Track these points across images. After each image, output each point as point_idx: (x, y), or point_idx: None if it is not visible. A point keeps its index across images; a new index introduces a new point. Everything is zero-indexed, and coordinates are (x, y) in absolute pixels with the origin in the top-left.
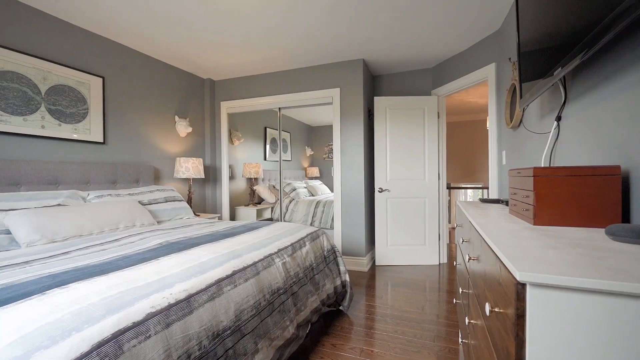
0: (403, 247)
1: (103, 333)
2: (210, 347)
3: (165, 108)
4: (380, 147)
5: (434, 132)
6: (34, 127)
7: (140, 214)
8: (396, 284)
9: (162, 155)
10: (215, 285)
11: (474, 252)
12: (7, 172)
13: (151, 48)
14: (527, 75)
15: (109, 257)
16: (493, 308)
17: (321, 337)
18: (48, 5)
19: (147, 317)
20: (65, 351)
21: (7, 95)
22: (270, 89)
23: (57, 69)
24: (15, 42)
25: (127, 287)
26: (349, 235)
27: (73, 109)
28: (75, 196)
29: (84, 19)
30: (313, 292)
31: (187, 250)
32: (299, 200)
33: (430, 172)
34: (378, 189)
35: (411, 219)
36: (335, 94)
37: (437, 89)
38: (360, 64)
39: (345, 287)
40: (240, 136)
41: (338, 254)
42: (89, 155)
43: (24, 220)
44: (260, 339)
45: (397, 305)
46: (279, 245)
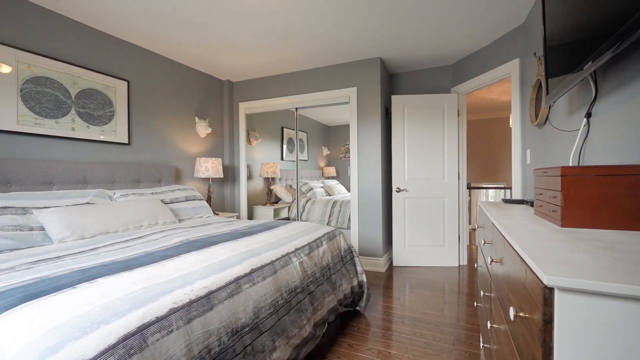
0: (421, 248)
1: (129, 326)
2: (230, 343)
3: (186, 109)
4: (398, 147)
5: (453, 131)
6: (65, 129)
7: (163, 212)
8: (414, 285)
9: (182, 155)
10: (234, 283)
11: (496, 254)
12: (42, 172)
13: (172, 51)
14: (554, 71)
15: (133, 253)
16: (518, 312)
17: (338, 337)
18: (78, 13)
19: (169, 313)
20: (94, 343)
21: (41, 99)
22: (287, 89)
23: (86, 74)
24: (48, 48)
25: (150, 283)
26: (365, 235)
27: (100, 111)
28: (103, 195)
29: (111, 25)
30: (330, 292)
31: (207, 248)
32: (315, 200)
33: (450, 172)
34: (396, 188)
35: (430, 219)
36: (352, 93)
37: (457, 86)
38: (378, 62)
39: (362, 287)
40: (257, 136)
41: (355, 253)
42: (114, 156)
43: (56, 218)
44: (277, 337)
45: (415, 307)
46: (296, 245)
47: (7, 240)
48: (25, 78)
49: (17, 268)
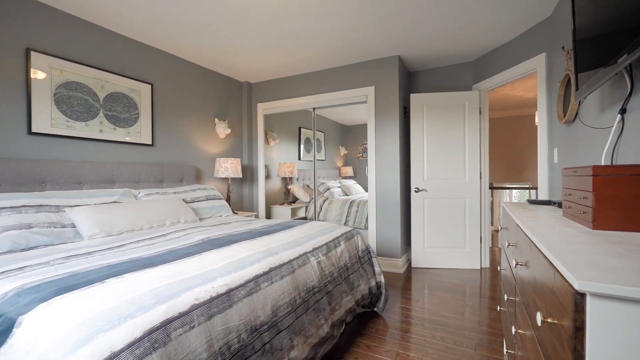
0: (441, 250)
1: (153, 321)
2: (249, 340)
3: (206, 111)
4: (417, 146)
5: (475, 129)
6: (94, 131)
7: (185, 211)
8: (434, 288)
9: (203, 155)
10: (253, 281)
11: (521, 257)
12: (73, 172)
13: (193, 55)
14: (585, 65)
15: (157, 250)
16: (545, 318)
17: (355, 338)
18: (106, 21)
19: (191, 309)
20: (122, 335)
21: (72, 103)
22: (304, 89)
23: (113, 78)
24: (79, 55)
25: (173, 279)
26: (383, 235)
27: (126, 114)
28: (128, 194)
29: (137, 31)
30: (347, 292)
31: (227, 247)
32: (332, 200)
33: (471, 172)
34: (414, 188)
35: (450, 220)
36: (370, 92)
37: (478, 83)
38: (396, 60)
39: (380, 288)
40: (275, 136)
41: (373, 254)
42: (139, 156)
43: (86, 216)
44: (295, 336)
45: (434, 309)
46: (313, 244)
47: (42, 236)
48: (58, 83)
49: (51, 263)
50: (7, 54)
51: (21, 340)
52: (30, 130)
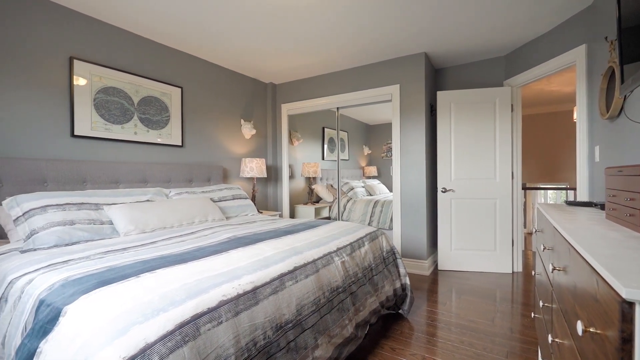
0: (469, 252)
1: (184, 315)
2: (274, 337)
3: (232, 112)
4: (444, 145)
5: (506, 127)
6: (129, 134)
7: (212, 210)
8: (462, 291)
9: (229, 156)
10: (278, 279)
11: (559, 261)
12: (110, 172)
13: (220, 58)
14: (631, 56)
15: (187, 247)
16: (587, 328)
17: (380, 340)
18: (140, 28)
19: (219, 304)
20: (155, 328)
21: (110, 107)
22: (328, 89)
23: (146, 83)
24: (115, 61)
25: (202, 276)
26: (409, 236)
27: (158, 116)
28: (160, 193)
29: (168, 37)
30: (372, 293)
31: (253, 245)
32: (356, 200)
33: (502, 171)
34: (441, 188)
35: (479, 221)
36: (395, 91)
37: (510, 78)
38: (422, 57)
39: (405, 290)
40: (299, 137)
41: (397, 255)
42: (170, 157)
43: (122, 213)
44: (320, 335)
45: (462, 314)
46: (337, 244)
47: (84, 232)
48: (98, 89)
49: (91, 257)
50: (53, 63)
51: (66, 329)
52: (73, 133)
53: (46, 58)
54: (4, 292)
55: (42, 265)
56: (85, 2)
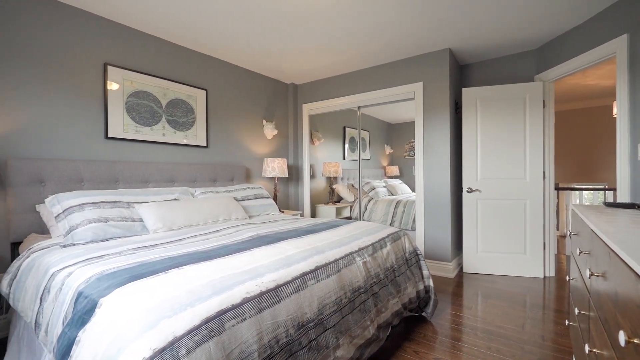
0: (497, 255)
1: (210, 311)
2: (296, 336)
3: (255, 113)
4: (470, 143)
5: (537, 124)
6: (157, 135)
7: (235, 209)
8: (488, 295)
9: (251, 156)
10: (300, 278)
11: (597, 266)
12: (140, 172)
13: (243, 60)
14: None
15: (211, 245)
16: (631, 339)
17: (402, 342)
18: (167, 34)
19: (243, 301)
20: (183, 322)
21: (140, 110)
22: (349, 88)
23: (174, 86)
24: (145, 66)
25: (226, 273)
26: (432, 237)
27: (184, 118)
28: (187, 192)
29: (194, 41)
30: (394, 295)
31: (275, 244)
32: (378, 200)
33: (533, 170)
34: (467, 189)
35: (507, 223)
36: (418, 89)
37: (542, 73)
38: (446, 54)
39: (428, 292)
40: (320, 136)
41: (421, 256)
42: (195, 157)
43: (151, 211)
44: (341, 335)
45: (489, 318)
46: (359, 244)
47: (117, 229)
48: (129, 93)
49: (123, 253)
50: (89, 69)
51: (102, 320)
52: (107, 135)
53: (83, 65)
54: (46, 284)
55: (80, 259)
56: (119, 12)
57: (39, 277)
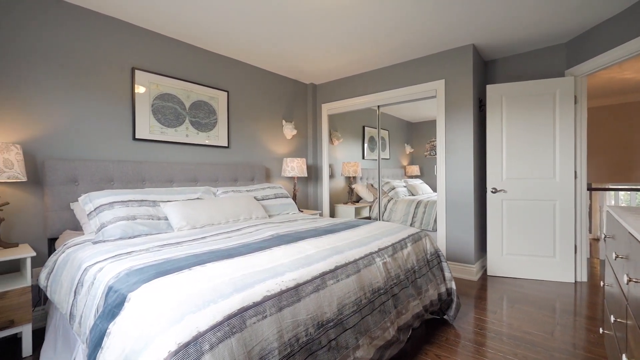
0: (523, 258)
1: (232, 308)
2: (316, 335)
3: (274, 113)
4: (494, 142)
5: (568, 121)
6: (181, 136)
7: (256, 208)
8: (514, 300)
9: (271, 156)
10: (319, 277)
11: (636, 272)
12: (165, 172)
13: (263, 61)
14: None
15: (233, 243)
16: None
17: (423, 345)
18: (191, 38)
19: (264, 299)
20: (206, 318)
21: (165, 112)
22: (368, 87)
23: (196, 88)
24: (170, 70)
25: (247, 271)
26: (454, 239)
27: (207, 119)
28: (209, 192)
29: (217, 44)
30: (415, 297)
31: (295, 243)
32: (398, 200)
33: (563, 170)
34: (491, 189)
35: (535, 224)
36: (439, 87)
37: (573, 67)
38: (470, 50)
39: (450, 295)
40: (339, 136)
41: (442, 258)
42: (217, 158)
43: (175, 210)
44: (361, 336)
45: (515, 324)
46: (379, 245)
47: (143, 226)
48: (155, 95)
49: (150, 249)
50: (118, 74)
51: (130, 314)
52: (135, 137)
53: (113, 70)
54: (80, 278)
55: (110, 255)
56: (146, 18)
57: (73, 272)
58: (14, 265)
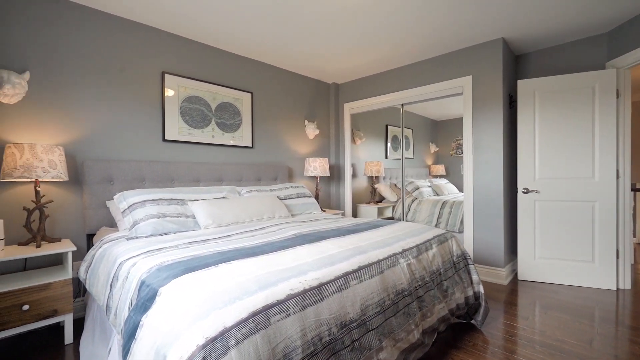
0: (558, 262)
1: (256, 305)
2: (339, 335)
3: (297, 113)
4: (526, 140)
5: (609, 117)
6: (207, 137)
7: (279, 207)
8: (548, 306)
9: (293, 156)
10: (342, 277)
11: None
12: (192, 172)
13: (286, 62)
14: None
15: (257, 242)
16: None
17: (449, 350)
18: (217, 42)
19: (287, 298)
20: (232, 314)
21: (192, 114)
22: (392, 86)
23: (222, 90)
24: (197, 73)
25: (271, 269)
26: (482, 241)
27: (231, 120)
28: (234, 191)
29: (241, 46)
30: (440, 300)
31: (317, 243)
32: (422, 200)
33: (604, 169)
34: (523, 189)
35: (572, 227)
36: (466, 83)
37: (615, 59)
38: (499, 44)
39: (478, 299)
40: (362, 135)
41: (470, 261)
42: (241, 158)
43: (202, 209)
44: (384, 338)
45: (549, 331)
46: (403, 246)
47: (173, 224)
48: (183, 98)
49: (179, 246)
50: (149, 78)
51: (161, 308)
52: (164, 138)
53: (145, 75)
54: (115, 272)
55: (142, 251)
56: (175, 24)
57: (109, 266)
58: (57, 259)
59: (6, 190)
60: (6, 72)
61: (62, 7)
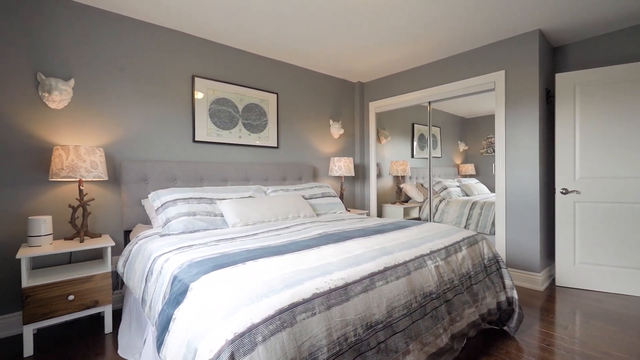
0: (601, 268)
1: (282, 303)
2: (364, 336)
3: (322, 113)
4: (565, 137)
5: None
6: (234, 138)
7: (304, 207)
8: (589, 315)
9: (318, 155)
10: (368, 278)
11: None
12: (220, 171)
13: (310, 62)
14: None
15: (282, 241)
16: None
17: (480, 357)
18: (243, 44)
19: (313, 297)
20: (259, 311)
21: (221, 115)
22: (418, 83)
23: (249, 92)
24: (225, 75)
25: (297, 268)
26: (516, 244)
27: (258, 121)
28: (260, 190)
29: (267, 48)
30: (470, 304)
31: (342, 242)
32: (450, 200)
33: None
34: (561, 189)
35: (618, 231)
36: (499, 78)
37: None
38: (535, 35)
39: (512, 304)
40: (387, 134)
41: (502, 264)
42: (267, 158)
43: (230, 207)
44: (411, 341)
45: (592, 342)
46: (431, 247)
47: (202, 222)
48: (212, 100)
49: (208, 244)
50: (180, 82)
51: (193, 302)
52: (194, 139)
53: (176, 79)
54: (150, 267)
55: (175, 247)
56: (204, 28)
57: (144, 261)
58: (98, 253)
59: (54, 189)
60: (54, 80)
61: (103, 17)
